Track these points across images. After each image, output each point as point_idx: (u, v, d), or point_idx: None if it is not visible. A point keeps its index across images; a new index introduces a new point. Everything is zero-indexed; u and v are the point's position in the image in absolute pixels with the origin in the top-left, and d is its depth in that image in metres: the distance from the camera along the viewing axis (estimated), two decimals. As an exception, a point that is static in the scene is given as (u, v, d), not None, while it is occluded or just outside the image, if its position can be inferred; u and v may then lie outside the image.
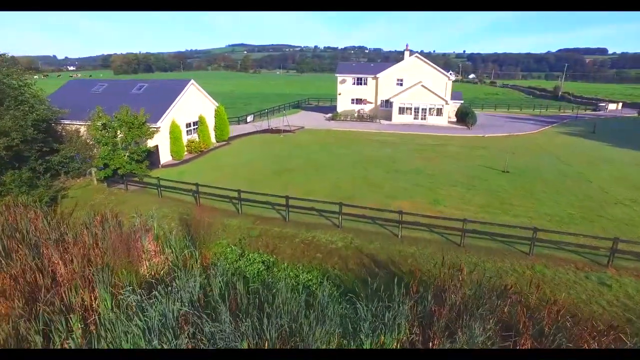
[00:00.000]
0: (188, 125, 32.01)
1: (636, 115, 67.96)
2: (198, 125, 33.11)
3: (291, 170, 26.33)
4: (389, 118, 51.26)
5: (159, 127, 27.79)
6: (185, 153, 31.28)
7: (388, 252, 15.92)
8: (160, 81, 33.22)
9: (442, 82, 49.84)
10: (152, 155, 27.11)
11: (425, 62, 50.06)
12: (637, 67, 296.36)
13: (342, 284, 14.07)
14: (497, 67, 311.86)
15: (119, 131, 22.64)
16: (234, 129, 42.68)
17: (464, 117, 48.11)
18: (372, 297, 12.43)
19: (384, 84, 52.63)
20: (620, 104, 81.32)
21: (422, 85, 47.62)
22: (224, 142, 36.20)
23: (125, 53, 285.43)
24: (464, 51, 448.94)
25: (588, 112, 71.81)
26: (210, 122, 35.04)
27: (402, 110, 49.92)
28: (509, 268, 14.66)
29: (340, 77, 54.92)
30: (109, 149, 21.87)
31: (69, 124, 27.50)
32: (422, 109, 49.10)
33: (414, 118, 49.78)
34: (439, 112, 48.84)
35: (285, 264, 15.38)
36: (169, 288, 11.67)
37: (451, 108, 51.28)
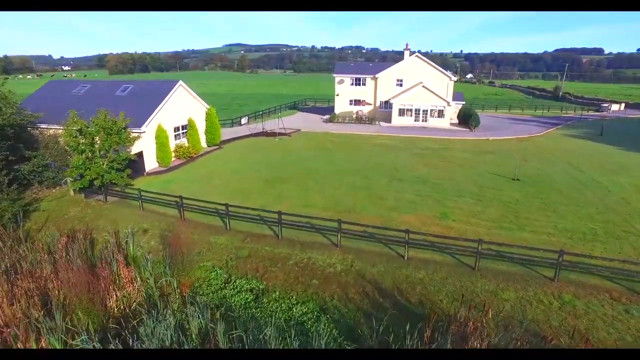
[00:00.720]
0: (176, 129, 30.01)
1: None
2: (187, 129, 31.11)
3: (286, 180, 24.38)
4: (388, 120, 49.38)
5: (144, 132, 25.79)
6: (173, 159, 29.28)
7: (394, 277, 14.02)
8: (147, 82, 31.20)
9: (444, 82, 48.02)
10: (136, 162, 25.10)
11: (426, 61, 48.22)
12: (633, 67, 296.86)
13: (342, 318, 12.18)
14: (495, 67, 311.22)
15: (96, 137, 20.61)
16: (227, 132, 40.72)
17: (466, 119, 46.29)
18: (379, 338, 10.57)
19: (383, 85, 50.76)
20: (623, 105, 79.83)
21: (423, 86, 45.77)
22: (216, 147, 34.21)
23: (121, 53, 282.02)
24: (461, 51, 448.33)
25: (591, 112, 70.19)
26: (201, 126, 33.05)
27: (402, 112, 48.06)
28: (533, 297, 12.79)
29: (337, 78, 53.01)
30: (84, 158, 19.82)
31: (45, 128, 25.46)
32: (423, 111, 47.25)
33: (415, 120, 47.92)
34: (441, 113, 47.01)
35: (277, 293, 13.45)
36: (136, 334, 9.73)
37: (453, 109, 49.46)
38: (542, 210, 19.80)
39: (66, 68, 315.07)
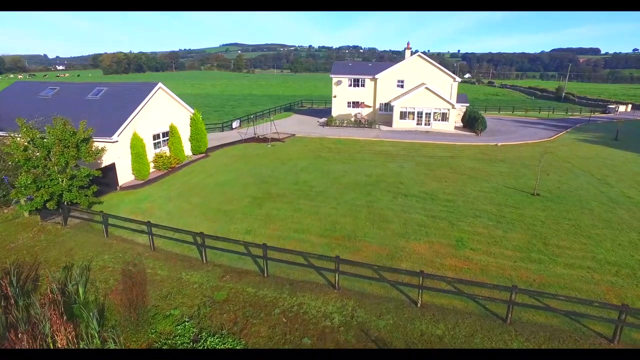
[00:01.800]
0: (156, 137, 27.00)
1: None
2: (169, 136, 28.11)
3: (276, 197, 21.43)
4: (389, 123, 46.54)
5: (115, 142, 22.77)
6: (152, 170, 26.28)
7: (405, 334, 11.09)
8: (123, 85, 28.17)
9: (447, 83, 45.23)
10: (107, 175, 22.13)
11: (428, 61, 45.38)
12: (630, 67, 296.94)
13: (341, 398, 9.24)
14: (492, 67, 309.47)
15: (53, 150, 17.57)
16: (216, 138, 37.73)
17: (472, 122, 43.48)
18: None
19: (384, 86, 47.89)
20: (630, 106, 77.34)
21: (426, 88, 42.92)
22: (202, 155, 31.21)
23: (115, 52, 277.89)
24: (459, 50, 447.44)
25: (597, 114, 67.63)
26: (184, 132, 30.04)
27: (403, 115, 45.20)
28: (587, 366, 9.89)
29: (335, 78, 50.09)
30: (34, 176, 16.75)
31: (3, 136, 22.40)
32: (426, 114, 44.41)
33: (417, 124, 45.09)
34: (445, 117, 44.18)
35: (258, 358, 10.49)
36: None
37: (457, 112, 46.66)
38: (573, 235, 16.95)
39: (60, 68, 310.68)
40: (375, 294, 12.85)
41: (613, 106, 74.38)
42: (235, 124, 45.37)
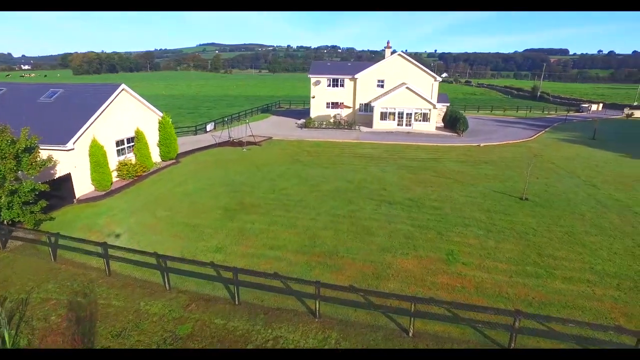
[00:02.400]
0: (119, 143, 24.79)
1: (623, 116, 65.24)
2: (134, 142, 25.92)
3: (250, 208, 19.71)
4: (369, 124, 45.35)
5: (71, 150, 20.55)
6: (116, 180, 24.07)
7: (398, 372, 9.66)
8: (81, 86, 25.77)
9: (428, 83, 44.41)
10: (62, 187, 19.92)
11: (408, 60, 44.44)
12: (596, 68, 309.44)
13: None
14: (468, 67, 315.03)
15: (-10, 162, 15.31)
16: (189, 142, 35.60)
17: (453, 122, 42.78)
18: None
19: (363, 86, 46.69)
20: (601, 105, 79.10)
21: (407, 88, 41.93)
22: (171, 162, 29.09)
23: (86, 52, 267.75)
24: (435, 50, 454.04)
25: (572, 113, 68.63)
26: (152, 138, 27.86)
27: (384, 116, 44.10)
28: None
29: (313, 78, 48.56)
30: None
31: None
32: (407, 114, 43.44)
33: (398, 124, 44.07)
34: (426, 117, 43.33)
35: (225, 412, 8.85)
36: None
37: (438, 112, 45.93)
38: (567, 244, 15.97)
39: (25, 67, 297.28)
40: (361, 322, 11.36)
41: (586, 105, 75.86)
42: (209, 127, 43.21)
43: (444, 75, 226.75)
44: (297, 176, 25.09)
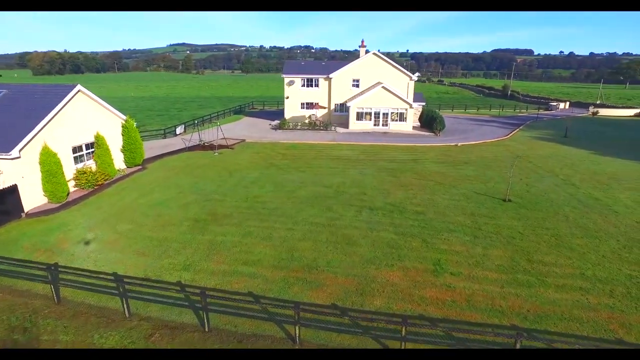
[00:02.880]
0: (77, 149, 22.69)
1: (589, 114, 67.34)
2: (94, 148, 23.85)
3: (222, 218, 18.23)
4: (345, 125, 44.45)
5: (17, 158, 18.43)
6: (73, 189, 22.00)
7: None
8: (31, 87, 23.45)
9: (404, 82, 43.98)
10: (7, 200, 17.81)
11: (384, 59, 43.83)
12: (558, 67, 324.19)
13: None
14: (440, 66, 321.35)
15: None
16: (157, 146, 33.52)
17: (430, 122, 42.48)
18: None
19: (338, 86, 45.75)
20: (567, 103, 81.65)
21: (384, 87, 41.28)
22: (137, 168, 27.09)
23: (47, 51, 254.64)
24: (407, 50, 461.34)
25: (542, 111, 70.32)
26: (115, 143, 25.80)
27: (360, 116, 43.30)
28: None
29: (287, 78, 47.20)
30: None
31: None
32: (384, 114, 42.81)
33: (374, 124, 43.39)
34: (402, 117, 42.84)
35: None
36: None
37: (415, 112, 45.59)
38: (555, 248, 15.42)
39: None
40: (345, 347, 10.22)
41: (554, 103, 78.06)
42: (179, 130, 41.11)
43: (417, 74, 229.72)
44: (272, 182, 23.74)
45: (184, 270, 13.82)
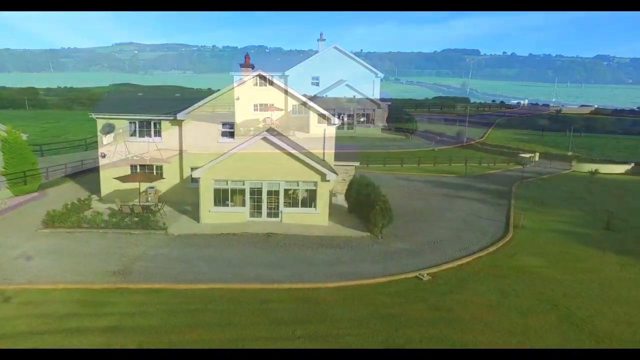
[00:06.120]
0: None
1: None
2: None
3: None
4: (305, 129, 39.07)
5: None
6: None
7: None
8: None
9: (369, 80, 39.49)
10: None
11: (347, 55, 39.11)
12: (502, 67, 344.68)
13: None
14: (395, 65, 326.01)
15: None
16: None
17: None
18: None
19: (296, 84, 40.32)
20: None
21: (347, 85, 36.44)
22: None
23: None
24: (361, 50, 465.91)
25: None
26: (-10, 163, 18.80)
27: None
28: None
29: (237, 76, 41.03)
30: None
31: None
32: (349, 115, 38.00)
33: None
34: (369, 118, 38.27)
35: None
36: None
37: (383, 113, 41.25)
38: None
39: None
40: None
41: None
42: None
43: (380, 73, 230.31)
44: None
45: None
